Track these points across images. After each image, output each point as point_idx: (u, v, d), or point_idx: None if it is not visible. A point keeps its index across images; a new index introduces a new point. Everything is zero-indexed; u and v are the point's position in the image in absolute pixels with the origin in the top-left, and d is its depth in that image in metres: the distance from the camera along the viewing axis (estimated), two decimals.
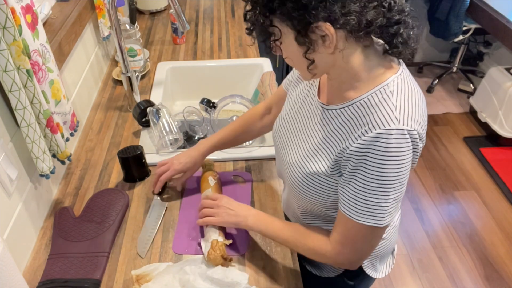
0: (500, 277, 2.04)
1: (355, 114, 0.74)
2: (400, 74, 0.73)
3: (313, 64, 0.73)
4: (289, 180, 0.88)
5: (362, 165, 0.71)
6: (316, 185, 0.82)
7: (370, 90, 0.73)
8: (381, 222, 0.74)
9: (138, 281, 0.91)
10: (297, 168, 0.85)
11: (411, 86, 0.73)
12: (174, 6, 1.28)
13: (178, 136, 1.28)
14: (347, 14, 0.65)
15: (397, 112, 0.69)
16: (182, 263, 0.94)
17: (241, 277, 0.88)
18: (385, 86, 0.72)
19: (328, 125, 0.80)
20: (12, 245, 0.92)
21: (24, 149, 0.99)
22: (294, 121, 0.91)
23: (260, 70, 1.67)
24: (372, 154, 0.70)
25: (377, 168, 0.70)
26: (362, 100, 0.74)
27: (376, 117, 0.70)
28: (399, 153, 0.69)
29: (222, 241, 0.93)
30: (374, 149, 0.69)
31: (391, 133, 0.68)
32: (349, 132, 0.75)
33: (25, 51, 0.88)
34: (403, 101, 0.70)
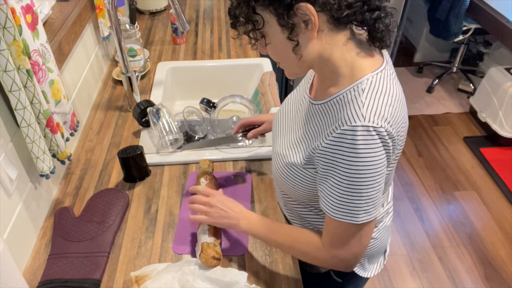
0: (500, 277, 2.04)
1: (330, 110, 0.76)
2: (378, 72, 0.73)
3: (298, 46, 0.72)
4: (274, 170, 0.92)
5: (333, 162, 0.72)
6: (294, 176, 0.84)
7: (346, 87, 0.73)
8: (356, 219, 0.74)
9: (137, 282, 0.91)
10: (279, 158, 0.88)
11: (386, 85, 0.72)
12: (174, 6, 1.28)
13: (178, 136, 1.28)
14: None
15: (363, 109, 0.69)
16: (181, 263, 0.94)
17: (240, 276, 0.89)
18: (359, 84, 0.72)
19: (311, 119, 0.82)
20: (12, 245, 0.92)
21: (24, 149, 0.99)
22: (287, 114, 0.94)
23: (260, 70, 1.67)
24: (341, 152, 0.70)
25: (347, 165, 0.70)
26: (338, 97, 0.74)
27: (344, 114, 0.71)
28: (368, 150, 0.68)
29: (212, 242, 0.92)
30: (342, 146, 0.70)
31: (356, 130, 0.68)
32: (323, 128, 0.76)
33: (25, 51, 0.88)
34: (372, 99, 0.70)
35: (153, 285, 0.88)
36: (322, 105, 0.79)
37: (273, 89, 1.53)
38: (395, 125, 0.70)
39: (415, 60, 3.69)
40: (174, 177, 1.20)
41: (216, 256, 0.90)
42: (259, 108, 1.56)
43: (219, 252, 0.92)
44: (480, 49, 3.38)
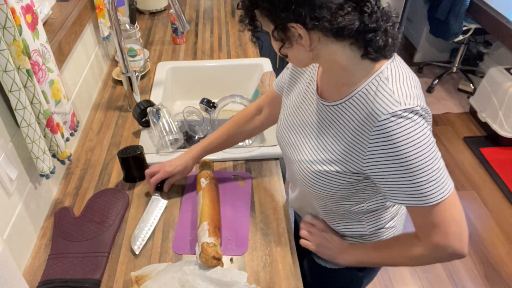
0: (500, 277, 2.04)
1: (356, 107, 0.75)
2: (392, 60, 0.75)
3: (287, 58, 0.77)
4: (299, 178, 0.88)
5: (388, 156, 0.71)
6: (327, 181, 0.83)
7: (365, 81, 0.74)
8: (444, 192, 0.72)
9: (137, 282, 0.91)
10: (306, 165, 0.85)
11: (403, 70, 0.75)
12: (174, 6, 1.28)
13: (178, 136, 1.28)
14: (317, 19, 0.67)
15: (395, 95, 0.70)
16: (181, 263, 0.94)
17: (240, 276, 0.89)
18: (379, 74, 0.73)
19: (331, 120, 0.81)
20: (12, 245, 0.92)
21: (24, 149, 0.99)
22: (297, 120, 0.91)
23: (260, 70, 1.67)
24: (390, 142, 0.70)
25: (402, 151, 0.69)
26: (360, 91, 0.75)
27: (377, 105, 0.71)
28: (414, 128, 0.69)
29: (212, 242, 0.92)
30: (388, 136, 0.70)
31: (396, 115, 0.69)
32: (353, 125, 0.76)
33: (25, 51, 0.88)
34: (399, 84, 0.72)
35: (153, 285, 0.88)
36: (341, 104, 0.78)
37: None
38: (423, 102, 0.73)
39: (415, 60, 3.69)
40: None
41: (216, 256, 0.90)
42: None
43: (219, 252, 0.92)
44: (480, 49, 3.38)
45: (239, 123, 1.13)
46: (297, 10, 0.67)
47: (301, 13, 0.67)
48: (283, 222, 1.06)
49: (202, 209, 1.01)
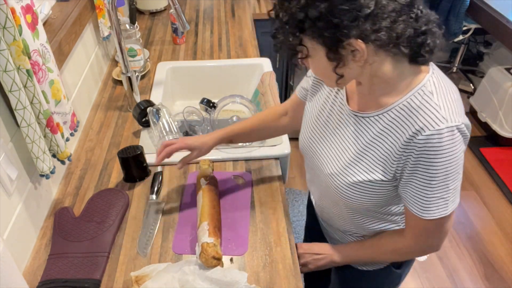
0: (500, 277, 2.04)
1: (396, 119, 0.76)
2: (433, 72, 0.75)
3: (342, 78, 0.74)
4: (332, 191, 0.89)
5: (419, 167, 0.74)
6: (363, 192, 0.84)
7: (407, 93, 0.75)
8: (446, 211, 0.78)
9: (137, 282, 0.91)
10: (339, 178, 0.86)
11: (445, 82, 0.76)
12: (174, 6, 1.28)
13: (178, 136, 1.28)
14: (378, 30, 0.66)
15: (442, 111, 0.72)
16: (181, 263, 0.94)
17: (240, 276, 0.89)
18: (422, 88, 0.74)
19: (367, 132, 0.81)
20: (12, 245, 0.92)
21: (24, 149, 0.99)
22: (324, 131, 0.91)
23: (260, 70, 1.67)
24: (427, 155, 0.72)
25: (434, 167, 0.73)
26: (401, 104, 0.75)
27: (422, 119, 0.72)
28: (453, 148, 0.72)
29: (212, 242, 0.92)
30: (428, 150, 0.72)
31: (442, 133, 0.70)
32: (394, 137, 0.77)
33: (25, 51, 0.88)
34: (443, 99, 0.73)
35: (153, 285, 0.88)
36: (379, 116, 0.79)
37: (273, 89, 1.53)
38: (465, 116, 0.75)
39: None
40: (174, 177, 1.20)
41: (216, 256, 0.90)
42: (259, 108, 1.56)
43: (219, 252, 0.92)
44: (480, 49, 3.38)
45: (265, 119, 1.12)
46: (360, 25, 0.66)
47: (364, 27, 0.66)
48: (283, 222, 1.06)
49: (202, 209, 1.01)
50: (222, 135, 1.10)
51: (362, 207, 0.88)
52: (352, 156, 0.84)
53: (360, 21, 0.65)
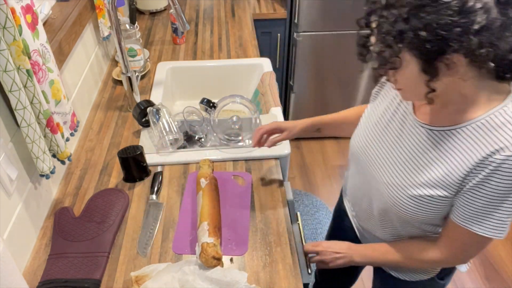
0: (500, 277, 2.04)
1: (471, 136, 0.74)
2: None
3: (432, 92, 0.70)
4: (387, 200, 0.87)
5: (487, 183, 0.72)
6: (421, 206, 0.82)
7: (487, 111, 0.73)
8: (501, 235, 0.76)
9: (137, 282, 0.91)
10: (399, 189, 0.84)
11: None
12: (174, 6, 1.28)
13: (178, 136, 1.28)
14: (482, 46, 0.62)
15: None
16: (181, 263, 0.94)
17: (240, 276, 0.89)
18: (505, 108, 0.72)
19: (436, 146, 0.79)
20: (12, 245, 0.92)
21: (24, 149, 0.99)
22: (383, 138, 0.90)
23: (260, 70, 1.67)
24: (501, 175, 0.70)
25: (504, 187, 0.71)
26: (479, 122, 0.73)
27: (502, 139, 0.70)
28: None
29: (212, 242, 0.92)
30: (503, 170, 0.70)
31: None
32: (467, 155, 0.74)
33: (25, 51, 0.88)
34: None
35: (153, 285, 0.88)
36: (455, 131, 0.76)
37: (273, 89, 1.54)
38: None
39: None
40: (174, 177, 1.20)
41: (216, 256, 0.90)
42: (259, 108, 1.56)
43: (219, 252, 0.92)
44: None
45: (354, 116, 1.09)
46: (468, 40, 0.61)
47: (472, 43, 0.62)
48: (283, 222, 1.06)
49: (202, 209, 1.01)
50: (312, 122, 1.11)
51: (416, 220, 0.86)
52: (416, 169, 0.81)
53: (468, 37, 0.61)
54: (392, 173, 0.86)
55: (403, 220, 0.89)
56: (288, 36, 2.31)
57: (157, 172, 1.19)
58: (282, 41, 2.32)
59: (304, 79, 2.40)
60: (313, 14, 2.15)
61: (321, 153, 2.68)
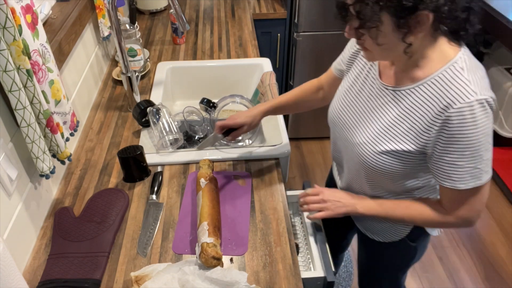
0: (500, 277, 2.04)
1: (427, 93, 0.81)
2: (464, 51, 0.81)
3: (410, 46, 0.77)
4: (359, 159, 0.93)
5: (452, 139, 0.79)
6: (389, 161, 0.89)
7: (439, 68, 0.80)
8: (481, 181, 0.82)
9: (137, 282, 0.91)
10: (368, 147, 0.91)
11: (474, 60, 0.82)
12: (174, 6, 1.28)
13: (178, 136, 1.28)
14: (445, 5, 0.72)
15: (472, 85, 0.76)
16: (181, 263, 0.94)
17: (240, 276, 0.89)
18: (454, 64, 0.79)
19: (399, 104, 0.86)
20: (12, 245, 0.92)
21: (24, 149, 0.99)
22: (356, 103, 0.96)
23: (260, 70, 1.67)
24: (460, 128, 0.77)
25: (467, 138, 0.77)
26: (433, 79, 0.80)
27: (453, 92, 0.77)
28: (483, 120, 0.76)
29: (211, 242, 0.92)
30: (461, 122, 0.77)
31: (472, 105, 0.75)
32: (425, 109, 0.81)
33: (25, 51, 0.88)
34: (473, 74, 0.78)
35: (153, 285, 0.88)
36: (413, 89, 0.84)
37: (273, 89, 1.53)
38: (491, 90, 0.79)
39: None
40: (174, 177, 1.20)
41: (216, 256, 0.90)
42: None
43: (219, 252, 0.92)
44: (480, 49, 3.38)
45: (306, 92, 1.18)
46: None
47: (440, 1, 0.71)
48: (283, 222, 1.06)
49: (202, 209, 1.01)
50: (267, 108, 1.15)
51: (384, 178, 0.92)
52: (382, 127, 0.89)
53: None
54: (362, 134, 0.92)
55: (373, 182, 0.96)
56: (288, 36, 2.32)
57: (157, 172, 1.19)
58: (282, 41, 2.32)
59: (304, 79, 2.39)
60: (313, 14, 2.15)
61: (321, 153, 2.68)
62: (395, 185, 0.95)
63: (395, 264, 1.19)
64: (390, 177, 0.92)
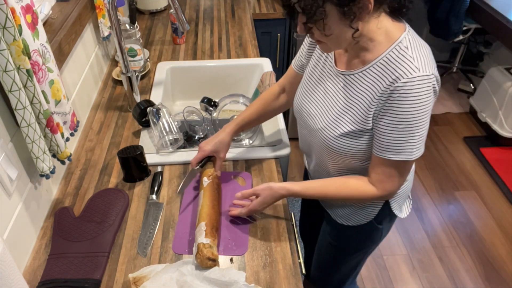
0: (500, 277, 2.04)
1: (377, 73, 0.85)
2: (408, 31, 0.85)
3: (357, 31, 0.80)
4: (322, 144, 0.97)
5: (389, 110, 0.83)
6: (348, 143, 0.92)
7: (386, 49, 0.84)
8: (411, 156, 0.86)
9: (135, 283, 0.90)
10: (328, 132, 0.94)
11: (419, 40, 0.86)
12: (174, 6, 1.28)
13: (178, 136, 1.28)
14: None
15: (415, 62, 0.80)
16: (179, 264, 0.94)
17: (238, 276, 0.89)
18: (399, 43, 0.83)
19: (352, 88, 0.90)
20: (12, 245, 0.92)
21: (24, 149, 0.99)
22: (315, 92, 1.00)
23: (260, 70, 1.67)
24: (398, 100, 0.81)
25: (404, 111, 0.81)
26: (381, 60, 0.84)
27: (398, 70, 0.81)
28: (421, 96, 0.80)
29: (208, 243, 0.92)
30: (400, 96, 0.81)
31: (413, 81, 0.79)
32: (374, 88, 0.85)
33: (25, 51, 0.88)
34: (417, 52, 0.82)
35: (152, 286, 0.88)
36: (363, 72, 0.88)
37: None
38: (436, 68, 0.83)
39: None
40: (174, 177, 1.20)
41: (212, 257, 0.90)
42: None
43: (215, 253, 0.92)
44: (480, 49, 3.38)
45: (267, 101, 1.19)
46: None
47: None
48: (283, 222, 1.06)
49: (201, 209, 1.01)
50: (233, 128, 1.16)
51: (350, 160, 0.96)
52: (339, 110, 0.92)
53: None
54: (322, 120, 0.96)
55: (345, 160, 0.97)
56: (288, 36, 2.32)
57: (157, 172, 1.19)
58: (282, 41, 2.32)
59: None
60: None
61: None
62: (361, 166, 0.98)
63: (359, 246, 1.22)
64: (355, 159, 0.95)
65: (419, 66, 0.80)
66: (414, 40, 0.84)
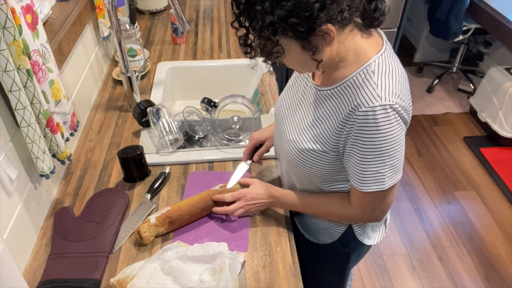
0: (500, 277, 2.04)
1: (343, 94, 0.82)
2: (382, 54, 0.80)
3: (321, 63, 0.78)
4: (287, 155, 0.95)
5: (357, 141, 0.79)
6: (309, 160, 0.90)
7: (355, 70, 0.80)
8: (383, 186, 0.83)
9: (120, 285, 0.89)
10: (293, 144, 0.92)
11: (391, 64, 0.80)
12: (174, 6, 1.28)
13: (178, 136, 1.28)
14: (342, 11, 0.71)
15: (378, 90, 0.76)
16: (159, 254, 0.94)
17: (221, 247, 0.92)
18: (367, 66, 0.79)
19: (321, 104, 0.87)
20: (12, 245, 0.92)
21: (24, 149, 0.99)
22: (292, 101, 0.98)
23: (260, 70, 1.67)
24: (364, 131, 0.77)
25: (369, 142, 0.78)
26: (348, 81, 0.81)
27: (360, 96, 0.77)
28: (387, 125, 0.76)
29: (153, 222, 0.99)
30: (365, 126, 0.77)
31: (375, 110, 0.75)
32: (337, 110, 0.82)
33: (25, 51, 0.88)
34: (383, 79, 0.77)
35: (140, 282, 0.88)
36: (332, 90, 0.84)
37: (273, 89, 1.54)
38: (405, 98, 0.79)
39: (415, 60, 3.69)
40: (174, 177, 1.20)
41: (140, 233, 0.98)
42: (259, 108, 1.56)
43: (146, 235, 0.98)
44: (480, 49, 3.38)
45: None
46: (328, 10, 0.69)
47: (331, 12, 0.69)
48: (283, 222, 1.06)
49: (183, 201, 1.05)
50: None
51: (309, 177, 0.94)
52: (306, 125, 0.90)
53: (327, 8, 0.69)
54: (292, 131, 0.94)
55: (302, 177, 0.96)
56: None
57: (162, 173, 1.19)
58: None
59: None
60: None
61: None
62: (328, 189, 0.96)
63: (329, 267, 1.20)
64: (317, 178, 0.94)
65: (381, 94, 0.75)
66: (385, 64, 0.79)
